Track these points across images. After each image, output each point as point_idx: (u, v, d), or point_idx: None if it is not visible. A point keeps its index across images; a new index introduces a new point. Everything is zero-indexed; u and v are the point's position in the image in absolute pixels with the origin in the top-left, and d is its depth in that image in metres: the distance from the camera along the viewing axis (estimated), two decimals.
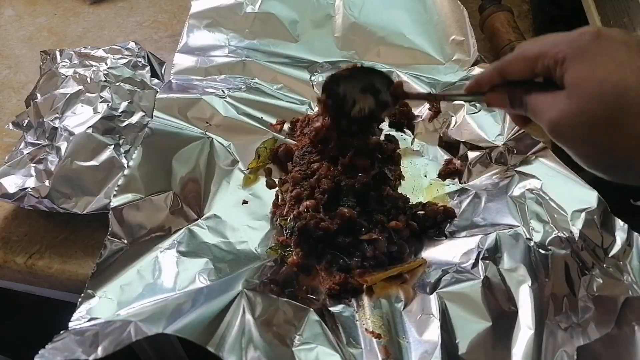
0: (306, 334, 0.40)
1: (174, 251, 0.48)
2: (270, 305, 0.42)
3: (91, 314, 0.42)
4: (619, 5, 0.58)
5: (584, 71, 0.33)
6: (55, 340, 0.35)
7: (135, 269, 0.46)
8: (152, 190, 0.51)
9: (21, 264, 0.55)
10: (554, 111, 0.35)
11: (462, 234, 0.49)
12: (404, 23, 0.69)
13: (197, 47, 0.68)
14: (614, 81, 0.32)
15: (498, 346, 0.40)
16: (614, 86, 0.32)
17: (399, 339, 0.42)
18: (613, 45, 0.33)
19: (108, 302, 0.43)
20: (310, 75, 0.67)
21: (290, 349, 0.39)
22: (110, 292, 0.44)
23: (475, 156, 0.56)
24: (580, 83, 0.33)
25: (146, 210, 0.50)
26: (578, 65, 0.33)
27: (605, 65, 0.33)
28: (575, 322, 0.41)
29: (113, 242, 0.47)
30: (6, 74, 0.76)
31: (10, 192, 0.53)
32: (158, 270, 0.46)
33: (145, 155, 0.53)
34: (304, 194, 0.51)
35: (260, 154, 0.58)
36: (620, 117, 0.32)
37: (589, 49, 0.33)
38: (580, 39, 0.34)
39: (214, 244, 0.49)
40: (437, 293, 0.43)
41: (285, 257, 0.49)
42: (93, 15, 0.85)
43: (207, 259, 0.48)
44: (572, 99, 0.34)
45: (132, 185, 0.51)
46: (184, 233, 0.50)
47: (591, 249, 0.45)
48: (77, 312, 0.42)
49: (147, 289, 0.45)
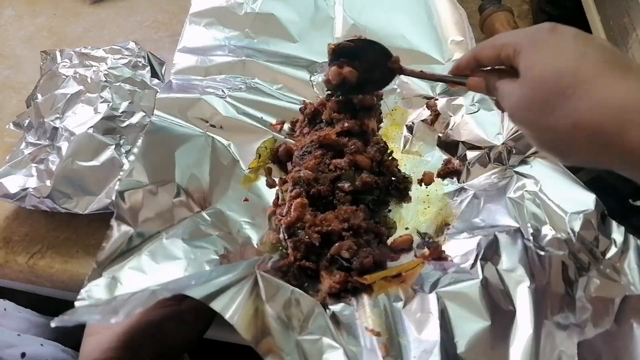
0: (312, 326, 0.40)
1: (179, 240, 0.48)
2: (281, 289, 0.42)
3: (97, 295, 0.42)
4: (619, 5, 0.58)
5: (533, 59, 0.36)
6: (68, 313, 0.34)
7: (143, 254, 0.46)
8: (156, 179, 0.51)
9: (22, 264, 0.55)
10: (513, 97, 0.38)
11: (462, 235, 0.50)
12: (404, 25, 0.69)
13: (197, 47, 0.68)
14: (555, 66, 0.35)
15: (496, 345, 0.40)
16: (555, 71, 0.35)
17: (399, 337, 0.42)
18: (563, 37, 0.36)
19: (114, 284, 0.43)
20: (310, 75, 0.67)
21: (295, 336, 0.39)
22: (117, 273, 0.44)
23: (474, 156, 0.56)
24: (529, 69, 0.36)
25: (151, 198, 0.50)
26: (529, 54, 0.37)
27: (550, 53, 0.36)
28: (573, 323, 0.41)
29: (120, 224, 0.47)
30: (7, 74, 0.77)
31: (11, 192, 0.54)
32: (165, 256, 0.46)
33: (149, 146, 0.53)
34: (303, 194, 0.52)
35: (261, 153, 0.58)
36: (555, 99, 0.34)
37: (541, 40, 0.37)
38: (536, 32, 0.38)
39: (217, 235, 0.50)
40: (436, 292, 0.44)
41: (285, 255, 0.49)
42: (93, 15, 0.85)
43: (212, 249, 0.48)
44: (523, 84, 0.37)
45: (136, 172, 0.51)
46: (189, 223, 0.50)
47: (588, 250, 0.45)
48: (84, 290, 0.42)
49: (154, 272, 0.45)
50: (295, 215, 0.48)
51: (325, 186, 0.51)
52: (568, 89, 0.34)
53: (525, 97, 0.36)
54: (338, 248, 0.47)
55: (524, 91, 0.37)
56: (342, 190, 0.51)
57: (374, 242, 0.49)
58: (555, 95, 0.34)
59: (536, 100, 0.36)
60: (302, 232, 0.48)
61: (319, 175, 0.51)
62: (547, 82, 0.35)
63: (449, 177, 0.57)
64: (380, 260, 0.48)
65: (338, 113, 0.55)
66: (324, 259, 0.48)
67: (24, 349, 0.51)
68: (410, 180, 0.57)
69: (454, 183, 0.57)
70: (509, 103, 0.38)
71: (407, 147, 0.61)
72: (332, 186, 0.51)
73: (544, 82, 0.35)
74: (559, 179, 0.50)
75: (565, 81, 0.34)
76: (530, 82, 0.36)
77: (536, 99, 0.36)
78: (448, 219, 0.53)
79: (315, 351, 0.38)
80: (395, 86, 0.65)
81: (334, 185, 0.51)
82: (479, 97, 0.60)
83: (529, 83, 0.36)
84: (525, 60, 0.37)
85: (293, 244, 0.48)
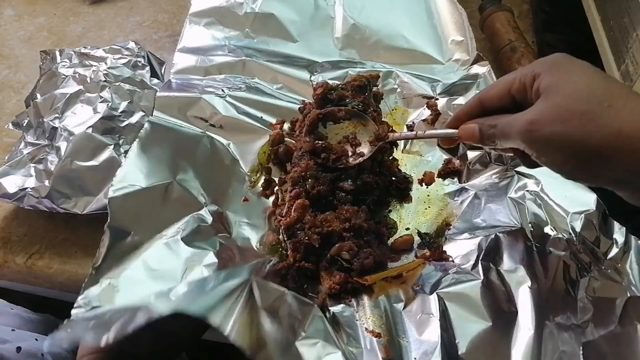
0: (309, 329, 0.40)
1: (178, 241, 0.47)
2: (277, 295, 0.41)
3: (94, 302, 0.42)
4: (619, 5, 0.58)
5: (559, 77, 0.37)
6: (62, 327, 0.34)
7: (140, 258, 0.45)
8: (153, 180, 0.50)
9: (21, 264, 0.55)
10: (529, 113, 0.37)
11: (463, 236, 0.49)
12: (404, 25, 0.69)
13: (196, 46, 0.67)
14: (586, 82, 0.36)
15: (498, 346, 0.40)
16: (587, 86, 0.35)
17: (399, 338, 0.42)
18: (581, 63, 0.38)
19: (111, 290, 0.43)
20: (310, 75, 0.67)
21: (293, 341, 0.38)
22: (114, 279, 0.44)
23: (475, 156, 0.56)
24: (555, 85, 0.36)
25: (147, 199, 0.49)
26: (553, 75, 0.37)
27: (576, 73, 0.37)
28: (575, 323, 0.41)
29: (115, 229, 0.46)
30: (6, 74, 0.77)
31: (10, 192, 0.54)
32: (163, 260, 0.46)
33: (144, 146, 0.52)
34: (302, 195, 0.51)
35: (260, 159, 0.58)
36: (592, 109, 0.34)
37: (561, 64, 0.38)
38: (552, 59, 0.39)
39: (217, 237, 0.49)
40: (437, 293, 0.43)
41: (284, 256, 0.49)
42: (93, 15, 0.85)
43: (212, 251, 0.47)
44: (548, 99, 0.36)
45: (130, 175, 0.50)
46: (188, 223, 0.49)
47: (590, 250, 0.45)
48: (81, 298, 0.42)
49: (151, 277, 0.44)
50: (295, 216, 0.48)
51: (325, 186, 0.50)
52: (604, 102, 0.34)
53: (557, 109, 0.35)
54: (338, 249, 0.47)
55: (550, 105, 0.36)
56: (342, 189, 0.51)
57: (374, 242, 0.49)
58: (593, 106, 0.34)
59: (572, 111, 0.35)
60: (301, 233, 0.48)
61: (319, 175, 0.51)
62: (581, 95, 0.35)
63: (449, 177, 0.57)
64: (380, 261, 0.48)
65: None
66: (324, 259, 0.48)
67: (19, 343, 0.51)
68: (410, 180, 0.56)
69: (455, 183, 0.56)
70: (526, 119, 0.37)
71: (408, 147, 0.61)
72: (332, 186, 0.51)
73: (578, 95, 0.35)
74: (560, 179, 0.49)
75: (600, 95, 0.35)
76: (561, 96, 0.36)
77: (572, 110, 0.35)
78: (449, 219, 0.53)
79: (314, 355, 0.38)
80: (396, 86, 0.65)
81: (334, 186, 0.51)
82: None
83: (560, 97, 0.36)
84: (548, 80, 0.37)
85: (292, 245, 0.48)
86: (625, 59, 0.55)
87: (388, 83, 0.65)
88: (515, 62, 0.65)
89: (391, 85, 0.65)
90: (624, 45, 0.56)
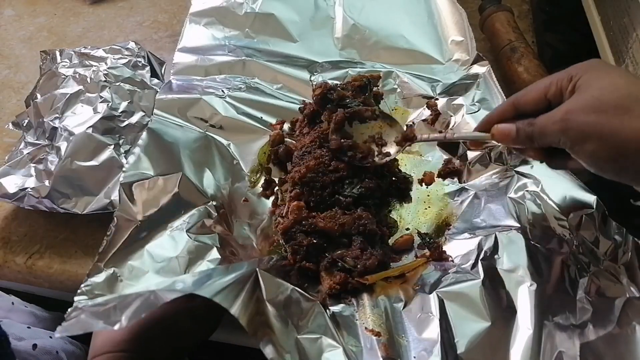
0: (312, 324, 0.40)
1: (184, 232, 0.48)
2: (281, 289, 0.42)
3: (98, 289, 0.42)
4: (619, 5, 0.58)
5: (596, 75, 0.38)
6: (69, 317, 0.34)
7: (145, 248, 0.46)
8: (161, 171, 0.51)
9: (21, 264, 0.55)
10: (565, 105, 0.38)
11: (463, 236, 0.50)
12: (404, 25, 0.69)
13: (197, 46, 0.68)
14: (621, 79, 0.37)
15: (497, 346, 0.40)
16: (625, 83, 0.37)
17: (399, 337, 0.42)
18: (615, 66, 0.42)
19: (115, 280, 0.43)
20: (310, 75, 0.67)
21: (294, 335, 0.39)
22: (118, 269, 0.44)
23: (475, 156, 0.56)
24: (593, 81, 0.38)
25: (156, 189, 0.50)
26: (590, 75, 0.38)
27: (612, 74, 0.38)
28: (574, 323, 0.41)
29: (122, 217, 0.47)
30: (6, 74, 0.77)
31: (10, 192, 0.54)
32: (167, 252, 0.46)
33: (152, 138, 0.53)
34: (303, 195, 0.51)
35: (260, 160, 0.58)
36: (627, 103, 0.36)
37: (597, 66, 0.40)
38: (587, 62, 0.40)
39: (219, 233, 0.49)
40: (437, 293, 0.43)
41: (285, 257, 0.49)
42: (93, 15, 0.85)
43: (215, 246, 0.47)
44: (585, 92, 0.38)
45: (141, 163, 0.50)
46: (194, 216, 0.49)
47: (589, 250, 0.45)
48: (84, 285, 0.42)
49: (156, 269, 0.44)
50: (292, 220, 0.48)
51: (326, 189, 0.50)
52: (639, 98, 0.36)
53: (592, 100, 0.37)
54: (342, 254, 0.47)
55: (587, 96, 0.37)
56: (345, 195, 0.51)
57: (376, 243, 0.49)
58: (628, 100, 0.36)
59: (607, 102, 0.36)
60: (301, 235, 0.48)
61: (320, 177, 0.51)
62: (616, 89, 0.37)
63: (449, 177, 0.57)
64: (383, 261, 0.48)
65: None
66: (325, 260, 0.48)
67: (34, 341, 0.51)
68: (410, 181, 0.56)
69: (455, 183, 0.56)
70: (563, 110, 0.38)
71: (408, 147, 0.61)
72: (332, 188, 0.51)
73: (613, 89, 0.37)
74: (559, 179, 0.50)
75: (634, 91, 0.36)
76: (596, 89, 0.37)
77: (606, 102, 0.36)
78: (449, 219, 0.53)
79: (315, 350, 0.38)
80: (396, 86, 0.65)
81: (334, 187, 0.51)
82: (480, 97, 0.60)
83: (595, 90, 0.37)
84: (585, 78, 0.38)
85: (292, 249, 0.48)
86: (625, 59, 0.55)
87: (388, 83, 0.65)
88: (515, 62, 0.65)
89: (391, 85, 0.65)
90: (624, 45, 0.56)
